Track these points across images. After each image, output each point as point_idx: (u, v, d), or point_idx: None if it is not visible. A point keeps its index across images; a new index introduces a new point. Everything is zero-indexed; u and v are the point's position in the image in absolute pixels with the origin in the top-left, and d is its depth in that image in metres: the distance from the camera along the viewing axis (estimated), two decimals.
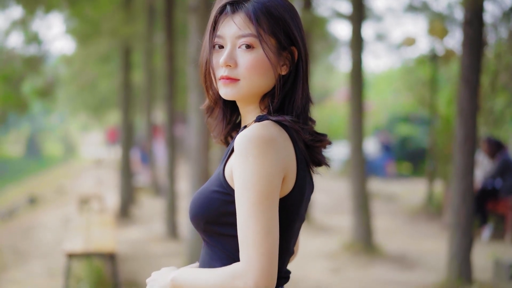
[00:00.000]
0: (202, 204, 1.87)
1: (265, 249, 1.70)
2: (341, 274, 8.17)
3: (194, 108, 7.78)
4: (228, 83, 1.90)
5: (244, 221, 1.73)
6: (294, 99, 1.92)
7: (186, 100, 9.21)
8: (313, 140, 1.92)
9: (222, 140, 2.14)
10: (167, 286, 1.93)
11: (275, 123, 1.84)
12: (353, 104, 9.29)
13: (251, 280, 1.70)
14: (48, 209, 15.43)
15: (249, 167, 1.73)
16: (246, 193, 1.73)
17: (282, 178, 1.78)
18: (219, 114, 2.12)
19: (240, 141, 1.77)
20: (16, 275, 8.18)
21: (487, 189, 10.27)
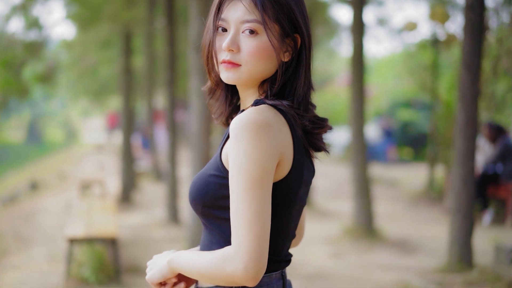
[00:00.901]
0: (200, 187, 1.88)
1: (255, 233, 1.71)
2: (342, 259, 8.19)
3: (195, 93, 7.77)
4: (229, 68, 1.89)
5: (236, 204, 1.74)
6: (296, 86, 1.92)
7: (187, 85, 9.20)
8: (312, 127, 1.92)
9: (223, 122, 2.14)
10: (164, 267, 1.95)
11: (271, 107, 1.84)
12: (354, 89, 9.28)
13: (241, 263, 1.71)
14: (50, 194, 15.45)
15: (242, 151, 1.73)
16: (238, 176, 1.73)
17: (276, 163, 1.78)
18: (220, 96, 2.12)
19: (234, 125, 1.77)
20: (18, 260, 8.20)
21: (488, 174, 10.28)
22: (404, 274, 7.14)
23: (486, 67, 9.34)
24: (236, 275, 1.72)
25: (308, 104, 1.95)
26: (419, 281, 6.62)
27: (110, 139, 33.69)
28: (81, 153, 30.60)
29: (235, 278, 1.73)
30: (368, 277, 7.27)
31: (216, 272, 1.77)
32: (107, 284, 6.69)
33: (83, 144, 40.34)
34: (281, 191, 1.84)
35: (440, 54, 13.59)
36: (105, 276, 6.76)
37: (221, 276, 1.76)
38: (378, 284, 6.93)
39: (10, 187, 18.70)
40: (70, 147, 38.97)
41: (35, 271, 7.49)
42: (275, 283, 1.91)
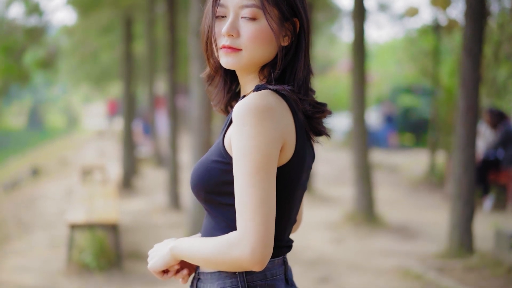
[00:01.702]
0: (202, 174, 1.87)
1: (261, 217, 1.71)
2: (343, 245, 8.20)
3: (196, 79, 7.76)
4: (229, 53, 1.89)
5: (241, 190, 1.73)
6: (296, 70, 1.92)
7: (188, 71, 9.18)
8: (313, 111, 1.91)
9: (222, 109, 2.14)
10: (167, 255, 1.94)
11: (273, 92, 1.84)
12: (356, 75, 9.26)
13: (247, 248, 1.71)
14: (51, 180, 15.48)
15: (246, 136, 1.73)
16: (243, 162, 1.73)
17: (280, 147, 1.78)
18: (219, 82, 2.12)
19: (237, 111, 1.77)
20: (19, 246, 8.23)
21: (489, 159, 10.28)
22: (405, 260, 7.16)
23: (487, 53, 9.33)
24: (243, 259, 1.72)
25: (308, 89, 1.95)
26: (419, 266, 6.64)
27: (111, 125, 33.68)
28: (82, 139, 30.62)
29: (242, 263, 1.73)
30: (368, 262, 7.29)
31: (221, 257, 1.77)
32: (108, 270, 6.72)
33: (84, 130, 40.36)
34: (284, 176, 1.84)
35: (441, 39, 13.56)
36: (106, 262, 6.79)
37: (226, 261, 1.76)
38: (378, 269, 6.95)
39: (12, 173, 18.72)
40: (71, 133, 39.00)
41: (36, 257, 7.51)
42: (278, 269, 1.91)
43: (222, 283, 1.87)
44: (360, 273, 6.86)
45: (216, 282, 1.89)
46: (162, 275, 1.99)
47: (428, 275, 6.32)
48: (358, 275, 6.77)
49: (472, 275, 6.17)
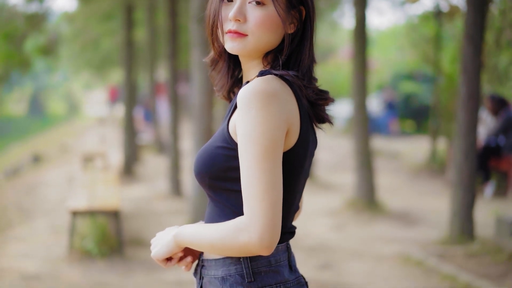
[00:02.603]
0: (206, 160, 1.87)
1: (269, 202, 1.71)
2: (344, 231, 8.22)
3: (197, 66, 7.75)
4: (235, 37, 1.88)
5: (248, 175, 1.73)
6: (301, 58, 1.91)
7: (189, 58, 9.17)
8: (316, 98, 1.91)
9: (224, 95, 2.13)
10: (170, 242, 1.94)
11: (278, 77, 1.83)
12: (357, 62, 9.24)
13: (255, 232, 1.70)
14: (52, 167, 15.49)
15: (252, 121, 1.73)
16: (249, 147, 1.73)
17: (285, 132, 1.77)
18: (223, 67, 2.11)
19: (242, 95, 1.76)
20: (21, 233, 8.25)
21: (490, 146, 10.27)
22: (405, 246, 7.17)
23: (489, 39, 9.29)
24: (250, 244, 1.72)
25: (311, 77, 1.95)
26: (420, 253, 6.65)
27: (112, 112, 33.67)
28: (83, 126, 30.63)
29: (250, 248, 1.73)
30: (369, 249, 7.30)
31: (228, 242, 1.76)
32: (109, 256, 6.74)
33: (85, 117, 40.36)
34: (289, 162, 1.83)
35: (443, 26, 13.52)
36: (107, 248, 6.80)
37: (234, 246, 1.76)
38: (379, 256, 6.96)
39: (13, 160, 18.74)
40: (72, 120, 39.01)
41: (38, 244, 7.53)
42: (282, 255, 1.91)
43: (226, 270, 1.87)
44: (361, 259, 6.88)
45: (221, 268, 1.89)
46: (165, 263, 1.99)
47: (428, 261, 6.34)
48: (359, 262, 6.79)
49: (473, 261, 6.19)
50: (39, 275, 6.21)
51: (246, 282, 1.85)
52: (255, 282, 1.85)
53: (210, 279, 1.92)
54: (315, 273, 6.15)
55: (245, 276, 1.85)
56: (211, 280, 1.92)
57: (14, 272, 6.29)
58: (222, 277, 1.88)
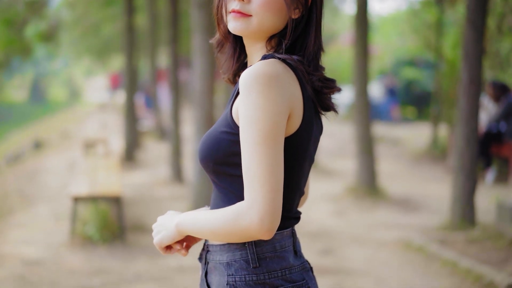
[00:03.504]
0: (210, 145, 1.86)
1: (269, 186, 1.70)
2: (345, 217, 8.23)
3: (198, 52, 7.73)
4: (238, 17, 1.87)
5: (248, 159, 1.72)
6: (306, 45, 1.89)
7: (190, 44, 9.15)
8: (322, 86, 1.90)
9: (230, 79, 2.11)
10: (173, 230, 1.93)
11: (281, 61, 1.82)
12: (358, 48, 9.22)
13: (256, 216, 1.70)
14: (53, 153, 15.50)
15: (252, 104, 1.72)
16: (249, 130, 1.72)
17: (287, 116, 1.76)
18: (228, 50, 2.09)
19: (244, 78, 1.75)
20: (23, 219, 8.26)
21: (492, 132, 10.26)
22: (407, 232, 7.18)
23: (490, 25, 9.26)
24: (251, 228, 1.71)
25: (318, 65, 1.93)
26: (421, 239, 6.66)
27: (113, 98, 33.66)
28: (85, 112, 30.62)
29: (251, 232, 1.72)
30: (370, 235, 7.31)
31: (229, 228, 1.76)
32: (111, 242, 6.75)
33: (86, 103, 40.34)
34: (292, 146, 1.82)
35: (444, 11, 13.48)
36: (109, 234, 6.82)
37: (235, 231, 1.75)
38: (380, 242, 6.97)
39: (14, 146, 18.76)
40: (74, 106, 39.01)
41: (39, 229, 7.54)
42: (287, 240, 1.90)
43: (231, 255, 1.87)
44: (362, 245, 6.89)
45: (226, 254, 1.88)
46: (165, 250, 1.99)
47: (430, 247, 6.34)
48: (360, 248, 6.80)
49: (474, 247, 6.19)
50: (41, 261, 6.22)
51: (251, 267, 1.84)
52: (260, 268, 1.84)
53: (215, 264, 1.92)
54: (316, 258, 6.16)
55: (250, 261, 1.85)
56: (216, 265, 1.91)
57: (15, 258, 6.31)
58: (227, 263, 1.88)
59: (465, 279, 5.52)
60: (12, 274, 5.82)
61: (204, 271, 1.98)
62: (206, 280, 1.96)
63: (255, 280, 1.84)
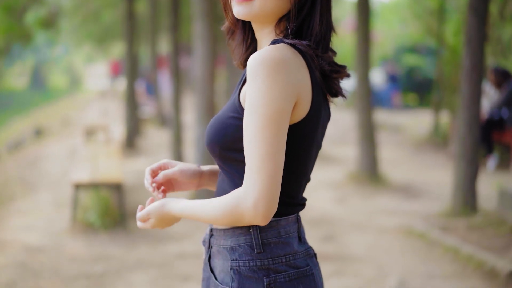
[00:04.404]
0: (218, 130, 1.84)
1: (267, 172, 1.68)
2: (346, 204, 8.23)
3: (200, 38, 7.71)
4: (241, 2, 1.85)
5: (249, 143, 1.71)
6: (312, 25, 1.86)
7: (191, 30, 9.12)
8: (330, 70, 1.87)
9: (241, 64, 2.09)
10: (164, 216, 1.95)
11: (290, 46, 1.79)
12: (360, 34, 9.18)
13: (250, 202, 1.69)
14: (54, 140, 15.50)
15: (257, 89, 1.70)
16: (252, 115, 1.70)
17: (293, 102, 1.74)
18: (238, 36, 2.07)
19: (251, 63, 1.73)
20: (24, 205, 8.26)
21: (494, 119, 10.24)
22: (408, 219, 7.18)
23: (493, 11, 9.23)
24: (245, 213, 1.71)
25: (328, 47, 1.91)
26: (423, 225, 6.65)
27: (114, 85, 33.62)
28: (85, 100, 30.61)
29: (245, 217, 1.72)
30: (372, 222, 7.31)
31: (227, 212, 1.75)
32: (112, 229, 6.75)
33: (87, 90, 40.32)
34: (300, 133, 1.81)
35: None
36: (110, 221, 6.82)
37: (232, 216, 1.75)
38: (382, 228, 6.97)
39: (15, 133, 18.75)
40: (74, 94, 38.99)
41: (40, 216, 7.55)
42: (291, 226, 1.89)
43: (235, 240, 1.86)
44: (363, 232, 6.89)
45: (230, 238, 1.87)
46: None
47: (431, 234, 6.34)
48: (361, 234, 6.80)
49: (476, 234, 6.19)
50: (42, 247, 6.22)
51: (255, 252, 1.83)
52: (264, 253, 1.83)
53: (219, 248, 1.91)
54: (317, 245, 6.15)
55: (255, 246, 1.84)
56: (220, 249, 1.91)
57: (17, 245, 6.31)
58: (231, 247, 1.87)
59: (467, 266, 5.52)
60: (13, 260, 5.82)
61: (208, 255, 1.98)
62: (210, 264, 1.96)
63: (259, 265, 1.83)
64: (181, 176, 2.07)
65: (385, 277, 5.43)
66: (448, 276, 5.40)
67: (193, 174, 2.05)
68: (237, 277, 1.84)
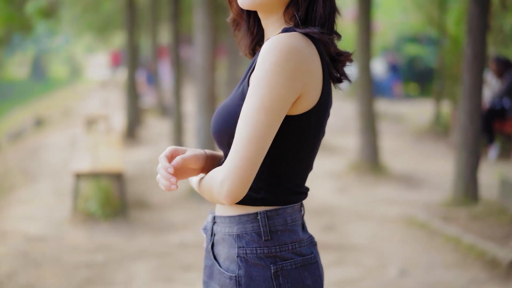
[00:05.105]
0: (226, 118, 1.83)
1: (244, 153, 1.69)
2: (348, 194, 8.22)
3: (200, 28, 7.68)
4: None
5: (241, 122, 1.71)
6: (316, 7, 1.84)
7: (192, 20, 9.09)
8: (337, 53, 1.86)
9: (249, 53, 2.08)
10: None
11: (303, 35, 1.78)
12: (361, 24, 9.15)
13: (219, 178, 1.72)
14: (55, 130, 15.49)
15: (264, 73, 1.69)
16: (252, 96, 1.70)
17: (296, 94, 1.72)
18: (244, 26, 2.06)
19: (264, 47, 1.73)
20: (25, 195, 8.26)
21: (495, 108, 10.22)
22: (409, 208, 7.17)
23: (494, 1, 9.18)
24: (214, 189, 1.74)
25: (333, 29, 1.89)
26: (424, 215, 6.65)
27: (114, 75, 33.58)
28: (86, 90, 30.57)
29: (214, 193, 1.75)
30: (373, 211, 7.31)
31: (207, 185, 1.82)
32: (113, 218, 6.75)
33: (87, 80, 40.27)
34: (309, 122, 1.80)
35: None
36: (111, 211, 6.81)
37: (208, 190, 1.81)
38: (383, 218, 6.97)
39: (15, 123, 18.75)
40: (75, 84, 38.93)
41: (41, 206, 7.55)
42: (297, 214, 1.89)
43: (242, 227, 1.85)
44: (364, 221, 6.88)
45: (236, 226, 1.86)
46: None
47: (432, 223, 6.34)
48: (362, 224, 6.79)
49: (477, 223, 6.18)
50: (43, 237, 6.22)
51: (263, 240, 1.83)
52: (271, 241, 1.83)
53: (224, 236, 1.90)
54: (319, 234, 6.15)
55: (262, 234, 1.83)
56: (225, 237, 1.89)
57: (18, 235, 6.31)
58: (238, 235, 1.86)
59: (468, 255, 5.52)
60: (14, 250, 5.83)
61: (211, 243, 1.96)
62: (213, 252, 1.94)
63: (266, 253, 1.83)
64: (196, 162, 1.94)
65: (386, 267, 5.43)
66: (449, 265, 5.40)
67: (204, 160, 2.02)
68: (243, 265, 1.83)
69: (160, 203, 7.65)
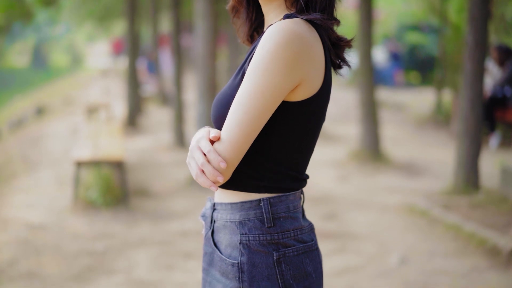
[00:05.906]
0: (226, 104, 1.81)
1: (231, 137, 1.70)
2: (349, 182, 8.22)
3: (201, 16, 7.67)
4: None
5: (234, 103, 1.72)
6: None
7: (193, 8, 9.07)
8: (338, 38, 1.85)
9: (248, 40, 2.07)
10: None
11: (306, 22, 1.77)
12: (362, 12, 9.13)
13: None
14: (56, 119, 15.48)
15: (262, 56, 1.69)
16: (247, 82, 1.70)
17: (294, 82, 1.71)
18: (243, 13, 2.05)
19: (268, 31, 1.72)
20: (26, 183, 8.27)
21: (496, 97, 10.20)
22: (410, 197, 7.17)
23: None
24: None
25: (333, 14, 1.87)
26: (425, 203, 6.65)
27: (115, 64, 33.53)
28: (87, 78, 30.53)
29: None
30: (374, 199, 7.31)
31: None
32: (114, 207, 6.75)
33: (88, 69, 40.22)
34: (311, 109, 1.79)
35: None
36: (112, 199, 6.82)
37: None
38: (384, 206, 6.97)
39: (17, 112, 18.74)
40: (76, 72, 38.88)
41: (42, 194, 7.55)
42: (298, 201, 1.89)
43: (245, 214, 1.84)
44: (365, 210, 6.89)
45: (238, 213, 1.85)
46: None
47: (433, 211, 6.34)
48: (363, 212, 6.80)
49: (478, 211, 6.19)
50: (44, 225, 6.23)
51: (266, 227, 1.82)
52: (274, 228, 1.82)
53: (225, 223, 1.88)
54: (319, 223, 6.15)
55: (265, 221, 1.82)
56: (226, 224, 1.88)
57: (19, 223, 6.32)
58: (240, 222, 1.84)
59: (469, 243, 5.52)
60: (16, 238, 5.83)
61: (211, 230, 1.95)
62: (213, 239, 1.93)
63: (269, 239, 1.82)
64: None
65: (387, 255, 5.44)
66: (450, 253, 5.40)
67: None
68: (246, 251, 1.83)
69: (160, 191, 7.65)
